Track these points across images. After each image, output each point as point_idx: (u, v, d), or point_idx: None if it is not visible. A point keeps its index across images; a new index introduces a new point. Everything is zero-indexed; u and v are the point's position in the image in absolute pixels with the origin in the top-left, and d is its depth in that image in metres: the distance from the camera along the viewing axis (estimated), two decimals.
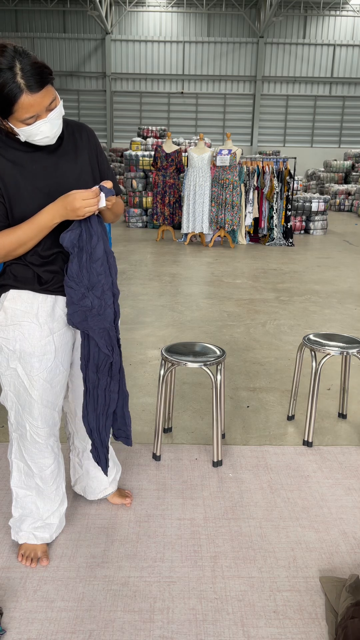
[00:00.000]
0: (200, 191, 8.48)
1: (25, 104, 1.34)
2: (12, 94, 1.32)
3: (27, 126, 1.39)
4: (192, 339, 4.09)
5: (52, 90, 1.40)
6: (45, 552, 1.83)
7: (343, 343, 2.56)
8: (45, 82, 1.36)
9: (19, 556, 1.82)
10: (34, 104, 1.35)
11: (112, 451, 2.08)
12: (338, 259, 7.84)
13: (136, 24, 20.51)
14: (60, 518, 1.87)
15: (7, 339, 1.60)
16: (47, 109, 1.39)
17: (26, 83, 1.32)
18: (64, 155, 1.55)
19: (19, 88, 1.32)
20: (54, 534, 1.86)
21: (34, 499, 1.81)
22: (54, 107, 1.41)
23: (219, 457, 2.39)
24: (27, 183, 1.48)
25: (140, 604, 1.65)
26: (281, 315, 4.79)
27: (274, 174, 8.75)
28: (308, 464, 2.43)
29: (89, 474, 2.03)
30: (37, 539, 1.83)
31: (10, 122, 1.40)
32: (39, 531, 1.83)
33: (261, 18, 19.61)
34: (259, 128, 21.56)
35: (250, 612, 1.63)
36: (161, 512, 2.07)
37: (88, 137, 1.63)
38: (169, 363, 2.34)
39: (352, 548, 1.91)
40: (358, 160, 17.59)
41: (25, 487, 1.80)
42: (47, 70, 1.37)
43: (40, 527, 1.83)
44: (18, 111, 1.35)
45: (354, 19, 20.37)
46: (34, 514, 1.82)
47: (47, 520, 1.83)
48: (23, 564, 1.80)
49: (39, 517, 1.82)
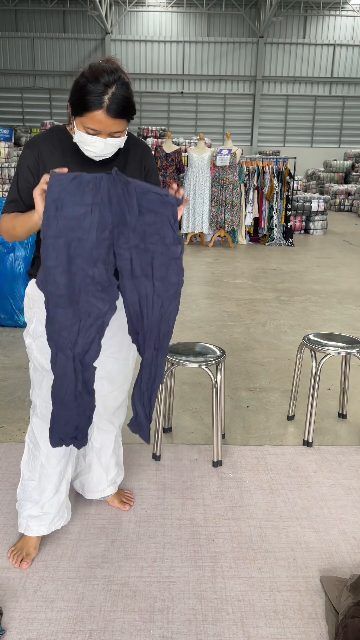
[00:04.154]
0: (200, 191, 8.48)
1: (96, 119, 1.46)
2: (91, 104, 1.44)
3: (85, 134, 1.50)
4: (192, 339, 4.09)
5: (125, 125, 1.52)
6: (35, 547, 1.84)
7: (343, 343, 2.56)
8: (124, 115, 1.48)
9: (9, 552, 1.85)
10: (103, 122, 1.46)
11: (120, 454, 2.10)
12: (338, 259, 7.84)
13: (136, 24, 20.51)
14: (57, 509, 1.87)
15: (29, 318, 1.74)
16: (110, 134, 1.50)
17: (108, 105, 1.44)
18: (112, 165, 1.62)
19: (100, 104, 1.44)
20: (51, 526, 1.86)
21: (35, 484, 1.83)
22: (117, 137, 1.52)
23: (219, 457, 2.39)
24: None
25: (140, 604, 1.65)
26: (281, 315, 4.79)
27: (274, 174, 8.75)
28: (308, 464, 2.43)
29: (90, 468, 2.04)
30: (31, 530, 1.84)
31: (76, 120, 1.51)
32: (35, 521, 1.84)
33: (261, 18, 19.61)
34: (259, 128, 21.56)
35: (250, 612, 1.63)
36: (161, 512, 2.07)
37: (142, 155, 1.70)
38: (169, 363, 2.35)
39: (352, 548, 1.91)
40: (358, 160, 17.60)
41: (30, 469, 1.84)
42: (132, 109, 1.51)
43: (37, 516, 1.84)
44: (87, 119, 1.47)
45: (354, 19, 20.37)
46: (33, 499, 1.84)
47: (45, 508, 1.84)
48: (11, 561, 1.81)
49: (37, 503, 1.84)
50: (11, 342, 3.88)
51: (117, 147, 1.56)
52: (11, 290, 4.10)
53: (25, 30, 20.62)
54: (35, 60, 20.76)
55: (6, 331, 4.14)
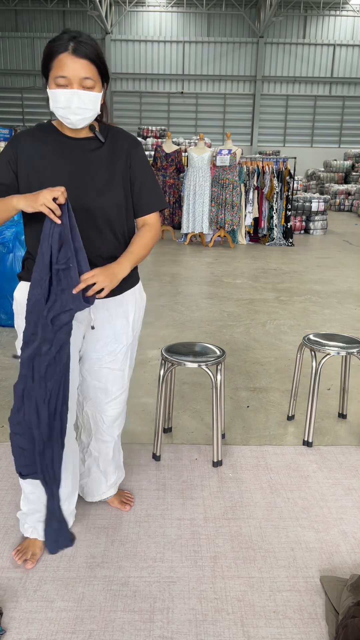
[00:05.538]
0: (200, 191, 8.48)
1: (63, 62, 1.45)
2: (57, 49, 1.46)
3: (56, 88, 1.48)
4: (192, 339, 4.09)
5: (95, 73, 1.50)
6: (40, 548, 1.84)
7: (343, 343, 2.56)
8: (91, 57, 1.47)
9: (14, 550, 1.84)
10: (70, 64, 1.45)
11: (120, 457, 2.09)
12: (338, 259, 7.84)
13: (136, 24, 20.51)
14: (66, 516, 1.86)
15: (17, 325, 1.72)
16: (81, 84, 1.48)
17: (74, 47, 1.45)
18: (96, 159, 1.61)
19: (66, 47, 1.45)
20: None
21: (38, 495, 1.81)
22: (89, 89, 1.50)
23: (219, 457, 2.39)
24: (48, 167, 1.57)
25: (140, 604, 1.65)
26: (281, 315, 4.79)
27: (274, 174, 8.75)
28: (308, 464, 2.43)
29: (90, 472, 2.04)
30: (39, 534, 1.84)
31: (48, 83, 1.51)
32: (41, 526, 1.83)
33: (261, 18, 19.60)
34: (259, 128, 21.56)
35: (250, 612, 1.63)
36: (161, 512, 2.07)
37: (129, 149, 1.67)
38: (169, 363, 2.34)
39: (352, 548, 1.91)
40: (358, 160, 17.60)
41: (30, 483, 1.80)
42: (101, 57, 1.50)
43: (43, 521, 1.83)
44: (55, 68, 1.47)
45: (354, 19, 20.36)
46: (39, 510, 1.82)
47: None
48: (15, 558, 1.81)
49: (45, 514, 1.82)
50: (11, 342, 3.88)
51: (93, 107, 1.53)
52: (11, 290, 4.10)
53: (25, 30, 20.61)
54: (35, 60, 20.74)
55: (6, 331, 4.14)
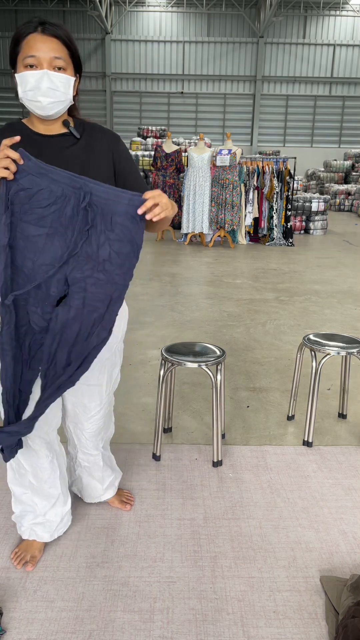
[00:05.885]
0: (200, 191, 8.48)
1: (32, 41, 1.40)
2: (25, 30, 1.41)
3: (25, 70, 1.41)
4: (192, 339, 4.09)
5: (66, 55, 1.44)
6: (40, 550, 1.83)
7: (343, 343, 2.56)
8: (59, 36, 1.42)
9: (12, 553, 1.83)
10: (39, 44, 1.40)
11: (112, 462, 2.07)
12: (338, 259, 7.84)
13: (136, 24, 20.51)
14: (61, 517, 1.87)
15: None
16: (52, 65, 1.42)
17: (42, 28, 1.40)
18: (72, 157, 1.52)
19: (34, 28, 1.41)
20: (54, 533, 1.86)
21: (30, 496, 1.81)
22: (59, 70, 1.43)
23: (219, 457, 2.39)
24: None
25: (140, 604, 1.65)
26: (281, 315, 4.79)
27: (274, 174, 8.75)
28: (308, 464, 2.43)
29: (81, 480, 2.02)
30: (37, 536, 1.83)
31: (17, 67, 1.44)
32: (39, 528, 1.83)
33: (261, 18, 19.60)
34: (259, 128, 21.56)
35: (250, 612, 1.63)
36: (161, 512, 2.07)
37: (109, 144, 1.59)
38: (169, 363, 2.34)
39: (352, 548, 1.91)
40: (358, 160, 17.59)
41: (19, 485, 1.80)
42: (72, 39, 1.45)
43: (41, 523, 1.83)
44: (24, 49, 1.41)
45: (354, 19, 20.36)
46: (33, 510, 1.82)
47: (47, 516, 1.83)
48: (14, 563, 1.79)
49: (39, 513, 1.82)
50: None
51: (65, 90, 1.45)
52: None
53: None
54: None
55: None
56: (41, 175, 1.36)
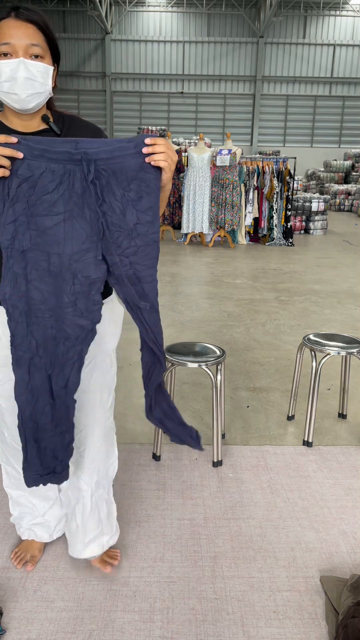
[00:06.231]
0: (200, 191, 8.48)
1: (5, 27, 1.29)
2: None
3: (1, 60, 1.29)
4: (192, 339, 4.09)
5: (43, 43, 1.33)
6: (40, 550, 1.83)
7: (343, 343, 2.56)
8: (35, 21, 1.32)
9: (12, 553, 1.83)
10: (14, 30, 1.29)
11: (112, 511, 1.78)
12: (338, 259, 7.84)
13: (136, 24, 20.50)
14: (59, 519, 1.86)
15: None
16: (29, 52, 1.30)
17: (16, 13, 1.30)
18: None
19: (8, 13, 1.30)
20: (54, 534, 1.86)
21: (27, 497, 1.80)
22: (36, 59, 1.31)
23: (219, 457, 2.39)
24: None
25: (140, 604, 1.65)
26: (281, 315, 4.79)
27: (274, 174, 8.75)
28: (308, 464, 2.43)
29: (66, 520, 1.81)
30: (36, 536, 1.83)
31: None
32: (38, 528, 1.83)
33: (261, 18, 19.60)
34: (259, 128, 21.56)
35: (250, 612, 1.63)
36: (161, 512, 2.07)
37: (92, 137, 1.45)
38: (169, 363, 2.34)
39: (352, 548, 1.91)
40: (358, 160, 17.59)
41: (16, 488, 1.78)
42: (48, 25, 1.34)
43: (40, 523, 1.82)
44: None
45: (354, 19, 20.36)
46: (32, 511, 1.82)
47: (46, 517, 1.83)
48: (14, 563, 1.80)
49: (38, 514, 1.82)
50: None
51: (43, 81, 1.32)
52: None
53: None
54: None
55: None
56: (37, 158, 1.23)
